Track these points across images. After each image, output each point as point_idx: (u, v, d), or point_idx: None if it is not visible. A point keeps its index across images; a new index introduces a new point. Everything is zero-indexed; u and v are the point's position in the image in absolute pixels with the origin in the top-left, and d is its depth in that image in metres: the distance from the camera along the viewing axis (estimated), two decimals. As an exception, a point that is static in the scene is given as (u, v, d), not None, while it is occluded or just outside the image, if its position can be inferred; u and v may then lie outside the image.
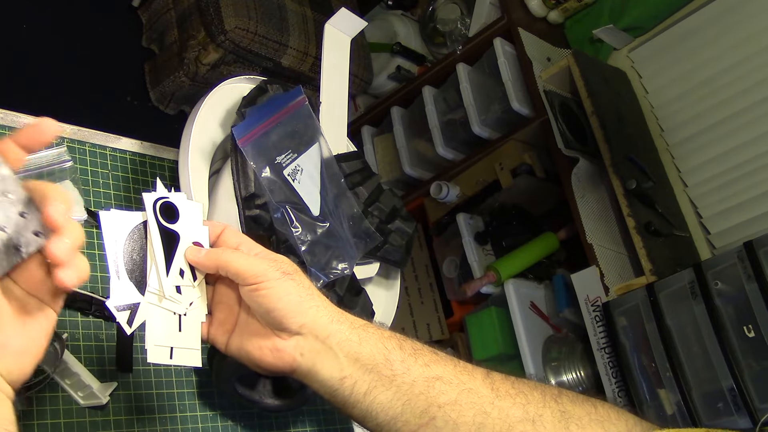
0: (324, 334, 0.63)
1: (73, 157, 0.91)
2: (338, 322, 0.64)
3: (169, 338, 0.62)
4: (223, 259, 0.64)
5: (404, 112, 2.41)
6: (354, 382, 0.63)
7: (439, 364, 0.65)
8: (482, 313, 1.93)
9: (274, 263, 0.64)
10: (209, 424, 0.91)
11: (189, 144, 0.88)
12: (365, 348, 0.63)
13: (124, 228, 0.62)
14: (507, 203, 2.11)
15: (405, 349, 0.65)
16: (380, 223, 1.03)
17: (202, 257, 0.65)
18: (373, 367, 0.63)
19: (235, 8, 2.21)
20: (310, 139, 0.94)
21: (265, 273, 0.62)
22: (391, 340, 0.65)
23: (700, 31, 1.98)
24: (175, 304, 0.63)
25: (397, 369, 0.63)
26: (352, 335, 0.64)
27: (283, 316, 0.62)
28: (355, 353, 0.63)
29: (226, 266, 0.64)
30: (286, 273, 0.64)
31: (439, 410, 0.63)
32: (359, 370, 0.63)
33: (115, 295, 0.60)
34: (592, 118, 1.85)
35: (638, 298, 1.55)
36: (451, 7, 2.45)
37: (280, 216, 0.87)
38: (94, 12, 2.41)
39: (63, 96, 2.16)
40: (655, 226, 1.73)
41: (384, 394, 0.63)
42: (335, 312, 0.65)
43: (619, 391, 1.59)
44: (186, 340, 0.63)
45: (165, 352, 0.62)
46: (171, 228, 0.65)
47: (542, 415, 0.62)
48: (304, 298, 0.63)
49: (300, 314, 0.63)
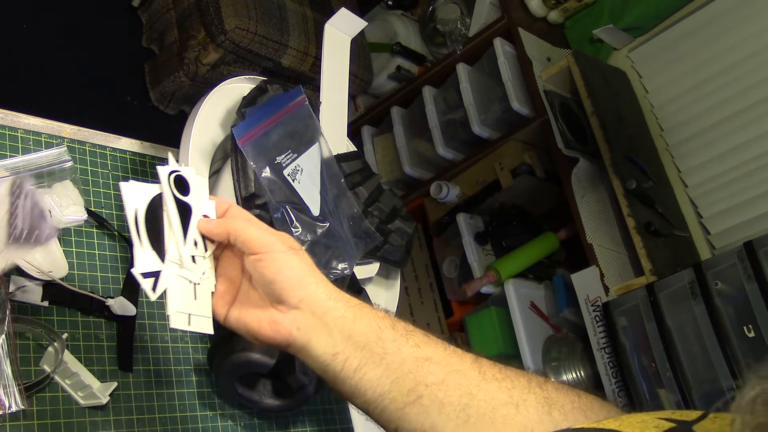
0: (321, 310, 0.65)
1: (73, 157, 0.91)
2: (335, 300, 0.66)
3: (186, 305, 0.64)
4: (233, 226, 0.66)
5: (404, 112, 2.41)
6: (346, 358, 0.64)
7: (429, 346, 0.66)
8: (482, 313, 1.93)
9: (281, 236, 0.67)
10: (209, 424, 0.91)
11: (189, 144, 0.88)
12: (359, 326, 0.65)
13: (143, 198, 0.65)
14: (507, 203, 2.11)
15: (397, 329, 0.66)
16: (380, 223, 1.03)
17: (214, 225, 0.67)
18: (365, 345, 0.65)
19: (235, 8, 2.21)
20: (310, 139, 0.94)
21: (271, 244, 0.65)
22: (384, 320, 0.67)
23: (700, 31, 1.98)
24: (192, 273, 0.66)
25: (388, 347, 0.65)
26: (348, 313, 0.65)
27: (284, 288, 0.64)
28: (349, 330, 0.65)
29: (236, 233, 0.66)
30: (292, 248, 0.66)
31: (427, 389, 0.64)
32: (351, 347, 0.65)
33: (139, 262, 0.62)
34: (592, 118, 1.85)
35: (638, 298, 1.55)
36: (451, 7, 2.45)
37: (280, 216, 0.87)
38: (94, 12, 2.41)
39: (63, 96, 2.16)
40: (655, 226, 1.73)
41: (374, 371, 0.64)
42: (333, 290, 0.67)
43: (619, 391, 1.59)
44: (200, 307, 0.66)
45: (184, 319, 0.64)
46: (184, 200, 0.67)
47: (526, 399, 0.63)
48: (306, 273, 0.65)
49: (300, 288, 0.65)
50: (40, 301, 0.82)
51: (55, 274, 0.82)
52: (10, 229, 0.70)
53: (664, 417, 0.49)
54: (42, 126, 0.95)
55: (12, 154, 0.88)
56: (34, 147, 0.92)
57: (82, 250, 0.90)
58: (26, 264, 0.80)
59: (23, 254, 0.74)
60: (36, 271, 0.81)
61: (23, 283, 0.81)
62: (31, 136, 0.92)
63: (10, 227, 0.70)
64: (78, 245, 0.90)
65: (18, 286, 0.81)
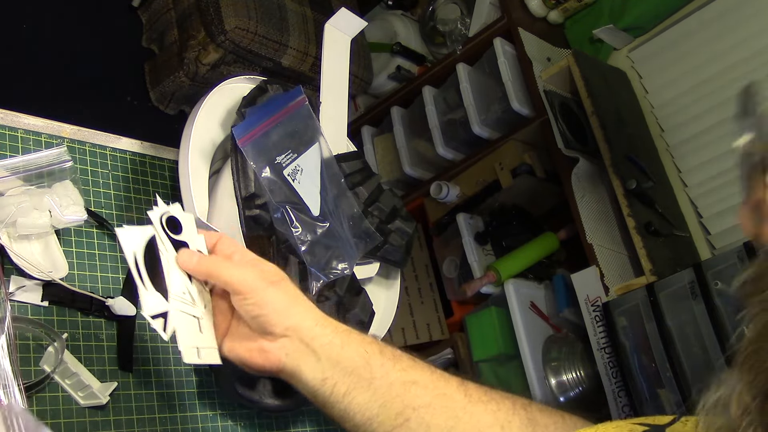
0: (308, 336, 0.66)
1: (73, 157, 0.91)
2: (322, 326, 0.67)
3: (194, 339, 0.66)
4: (213, 268, 0.68)
5: (404, 112, 2.41)
6: (334, 383, 0.66)
7: (416, 370, 0.68)
8: (482, 313, 1.93)
9: (262, 273, 0.67)
10: (209, 424, 0.91)
11: (189, 144, 0.88)
12: (347, 351, 0.66)
13: (140, 241, 0.66)
14: (507, 203, 2.11)
15: (385, 354, 0.68)
16: (380, 223, 1.03)
17: (194, 265, 0.68)
18: (354, 370, 0.66)
19: (235, 8, 2.21)
20: (310, 139, 0.94)
21: (251, 283, 0.66)
22: (372, 345, 0.68)
23: (700, 31, 1.98)
24: (195, 308, 0.68)
25: (376, 372, 0.66)
26: (336, 339, 0.67)
27: (268, 322, 0.66)
28: (337, 356, 0.66)
29: (217, 276, 0.67)
30: (272, 282, 0.67)
31: (414, 412, 0.65)
32: (340, 372, 0.66)
33: (147, 305, 0.64)
34: (592, 118, 1.85)
35: (638, 298, 1.55)
36: (451, 7, 2.45)
37: (280, 216, 0.87)
38: (94, 12, 2.41)
39: (63, 96, 2.16)
40: (655, 226, 1.73)
41: (362, 395, 0.66)
42: (320, 317, 0.68)
43: (619, 391, 1.59)
44: (206, 340, 0.67)
45: (194, 353, 0.66)
46: (179, 239, 0.69)
47: (511, 421, 0.65)
48: (289, 304, 0.67)
49: (286, 318, 0.66)
50: (40, 301, 0.82)
51: (55, 274, 0.82)
52: None
53: (638, 422, 0.51)
54: (42, 126, 0.95)
55: (12, 154, 0.88)
56: (34, 147, 0.92)
57: (82, 250, 0.90)
58: (26, 264, 0.80)
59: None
60: (36, 271, 0.81)
61: (23, 283, 0.81)
62: (31, 136, 0.92)
63: None
64: (78, 245, 0.90)
65: (18, 286, 0.81)
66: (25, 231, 0.81)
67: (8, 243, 0.80)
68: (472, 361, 1.91)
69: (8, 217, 0.79)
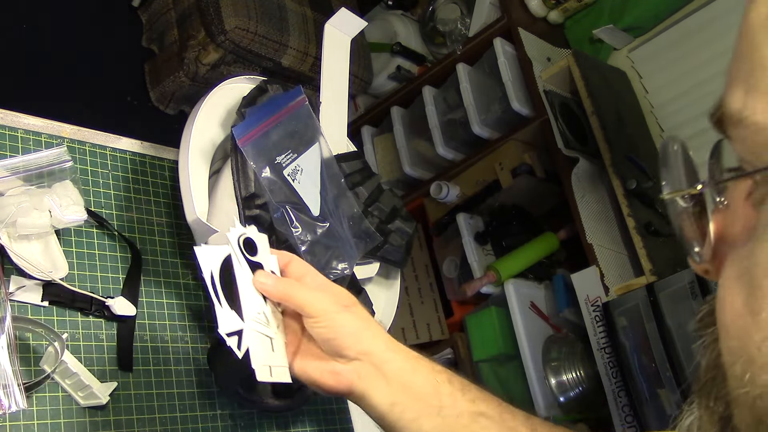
0: (379, 360, 0.67)
1: (73, 157, 0.91)
2: (393, 351, 0.68)
3: (267, 358, 0.67)
4: (288, 292, 0.69)
5: (404, 112, 2.41)
6: (403, 409, 0.67)
7: (484, 402, 0.69)
8: (482, 313, 1.93)
9: (334, 297, 0.69)
10: (209, 424, 0.91)
11: (189, 144, 0.88)
12: (417, 378, 0.68)
13: (216, 261, 0.68)
14: (507, 203, 2.11)
15: (454, 384, 0.69)
16: (380, 223, 1.03)
17: (271, 287, 0.69)
18: (422, 397, 0.67)
19: (235, 8, 2.21)
20: (310, 139, 0.94)
21: (325, 307, 0.67)
22: (442, 373, 0.69)
23: (700, 31, 1.98)
24: (269, 329, 0.69)
25: (444, 401, 0.67)
26: (406, 365, 0.68)
27: (341, 345, 0.67)
28: (407, 382, 0.67)
29: (291, 299, 0.68)
30: (346, 306, 0.68)
31: None
32: (409, 398, 0.67)
33: (222, 322, 0.65)
34: (592, 118, 1.85)
35: (638, 298, 1.55)
36: (451, 7, 2.45)
37: (280, 216, 0.87)
38: (94, 12, 2.41)
39: (63, 96, 2.16)
40: (655, 226, 1.73)
41: (429, 423, 0.67)
42: (390, 342, 0.69)
43: (619, 391, 1.59)
44: (277, 359, 0.69)
45: (267, 371, 0.67)
46: (255, 261, 0.70)
47: None
48: (361, 328, 0.68)
49: (358, 343, 0.67)
50: (40, 301, 0.82)
51: (55, 274, 0.82)
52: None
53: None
54: (42, 126, 0.95)
55: (12, 154, 0.88)
56: (34, 147, 0.92)
57: (82, 250, 0.90)
58: (26, 264, 0.80)
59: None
60: (36, 271, 0.81)
61: (23, 283, 0.81)
62: (31, 136, 0.92)
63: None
64: (78, 245, 0.90)
65: (18, 286, 0.81)
66: (25, 231, 0.81)
67: (8, 243, 0.80)
68: (472, 361, 1.91)
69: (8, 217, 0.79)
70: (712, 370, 0.37)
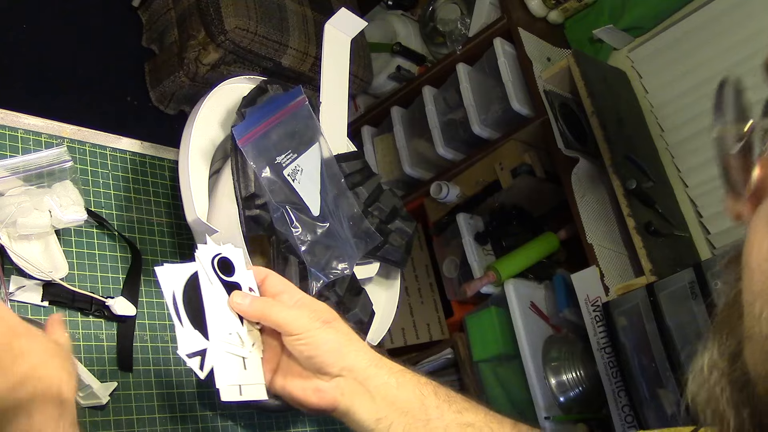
0: (362, 376, 0.67)
1: (73, 157, 0.91)
2: (377, 366, 0.68)
3: (237, 377, 0.66)
4: (265, 311, 0.67)
5: (404, 112, 2.41)
6: (390, 423, 0.66)
7: (470, 412, 0.68)
8: (482, 313, 1.93)
9: (314, 313, 0.67)
10: (209, 424, 0.91)
11: (189, 144, 0.88)
12: (402, 392, 0.67)
13: (179, 279, 0.66)
14: (507, 203, 2.11)
15: (439, 396, 0.68)
16: (380, 223, 1.03)
17: (247, 307, 0.68)
18: (409, 411, 0.67)
19: (235, 8, 2.21)
20: (310, 139, 0.94)
21: (305, 324, 0.66)
22: (427, 386, 0.69)
23: (700, 31, 1.98)
24: (242, 349, 0.67)
25: (431, 414, 0.67)
26: (391, 379, 0.68)
27: (323, 362, 0.66)
28: (393, 396, 0.67)
29: (269, 318, 0.67)
30: (326, 322, 0.67)
31: None
32: (395, 413, 0.67)
33: (183, 343, 0.64)
34: (592, 118, 1.85)
35: (638, 298, 1.55)
36: (451, 7, 2.45)
37: (280, 216, 0.87)
38: (94, 12, 2.41)
39: (63, 96, 2.16)
40: (655, 226, 1.73)
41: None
42: (374, 356, 0.69)
43: (619, 391, 1.59)
44: (251, 376, 0.67)
45: (235, 390, 0.65)
46: (231, 281, 0.69)
47: None
48: (343, 344, 0.67)
49: (340, 359, 0.66)
50: (40, 301, 0.82)
51: (55, 274, 0.82)
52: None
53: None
54: (42, 126, 0.95)
55: (12, 154, 0.88)
56: (34, 147, 0.92)
57: (82, 250, 0.90)
58: (26, 264, 0.80)
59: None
60: (36, 271, 0.81)
61: (23, 283, 0.81)
62: (31, 136, 0.92)
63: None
64: (78, 245, 0.90)
65: (18, 286, 0.81)
66: (25, 231, 0.81)
67: (8, 243, 0.80)
68: (472, 361, 1.91)
69: (8, 217, 0.79)
70: (730, 308, 0.39)
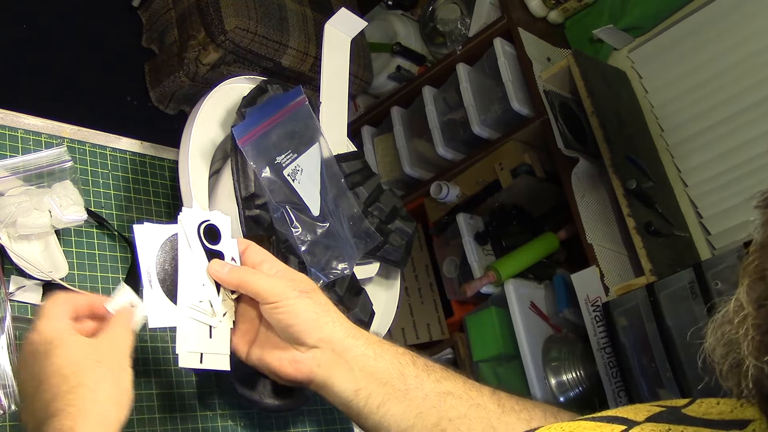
0: (340, 347, 0.66)
1: (73, 157, 0.91)
2: (354, 338, 0.67)
3: (199, 344, 0.65)
4: (244, 278, 0.67)
5: (404, 112, 2.41)
6: (368, 394, 0.66)
7: (449, 380, 0.68)
8: (482, 313, 1.93)
9: (292, 282, 0.67)
10: (209, 424, 0.91)
11: (189, 144, 0.88)
12: (380, 363, 0.67)
13: (156, 240, 0.66)
14: (507, 203, 2.11)
15: (418, 365, 0.68)
16: (380, 223, 1.03)
17: (225, 275, 0.68)
18: (388, 381, 0.66)
19: (235, 8, 2.21)
20: (310, 139, 0.94)
21: (283, 293, 0.66)
22: (405, 356, 0.68)
23: (700, 31, 1.98)
24: (212, 318, 0.67)
25: (410, 383, 0.66)
26: (368, 350, 0.67)
27: (300, 332, 0.66)
28: (371, 367, 0.66)
29: (247, 286, 0.67)
30: (304, 291, 0.67)
31: (450, 423, 0.65)
32: (374, 384, 0.66)
33: (148, 303, 0.64)
34: (592, 118, 1.85)
35: (638, 298, 1.55)
36: (451, 7, 2.45)
37: (280, 216, 0.87)
38: (94, 12, 2.41)
39: (63, 96, 2.16)
40: (655, 226, 1.73)
41: (397, 406, 0.66)
42: (351, 328, 0.68)
43: (619, 391, 1.59)
44: (216, 346, 0.67)
45: (195, 358, 0.65)
46: (215, 249, 0.68)
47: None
48: (320, 315, 0.67)
49: (317, 329, 0.66)
50: (40, 301, 0.82)
51: (55, 274, 0.82)
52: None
53: (656, 404, 0.52)
54: (42, 126, 0.95)
55: (12, 154, 0.88)
56: (34, 147, 0.92)
57: (82, 250, 0.90)
58: (26, 264, 0.80)
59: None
60: (36, 271, 0.81)
61: (23, 283, 0.81)
62: (31, 136, 0.92)
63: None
64: (78, 245, 0.90)
65: (18, 286, 0.81)
66: (25, 231, 0.81)
67: (8, 243, 0.80)
68: (472, 361, 1.91)
69: (8, 217, 0.79)
70: (761, 249, 0.39)
